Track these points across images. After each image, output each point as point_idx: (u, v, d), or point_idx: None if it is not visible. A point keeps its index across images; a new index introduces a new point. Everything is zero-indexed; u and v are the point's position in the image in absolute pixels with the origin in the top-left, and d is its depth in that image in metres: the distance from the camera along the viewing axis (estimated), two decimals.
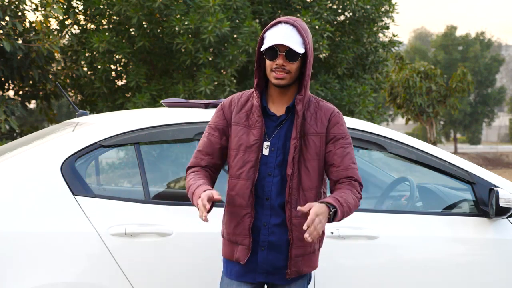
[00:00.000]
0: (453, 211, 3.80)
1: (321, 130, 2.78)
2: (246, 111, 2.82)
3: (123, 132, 3.38)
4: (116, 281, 3.14)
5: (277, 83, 2.72)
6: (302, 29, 2.71)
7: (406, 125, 19.51)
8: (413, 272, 3.47)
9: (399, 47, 10.80)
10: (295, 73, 2.73)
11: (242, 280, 2.83)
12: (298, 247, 2.77)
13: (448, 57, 37.58)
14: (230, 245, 2.84)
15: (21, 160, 3.26)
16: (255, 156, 2.76)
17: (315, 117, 2.79)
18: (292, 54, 2.69)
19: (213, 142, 2.85)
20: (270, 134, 2.79)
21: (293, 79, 2.75)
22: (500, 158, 30.71)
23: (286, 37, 2.68)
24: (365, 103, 9.34)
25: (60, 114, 20.82)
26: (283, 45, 2.68)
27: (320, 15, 8.79)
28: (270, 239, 2.77)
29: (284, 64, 2.69)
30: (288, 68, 2.70)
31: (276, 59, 2.70)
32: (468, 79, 18.36)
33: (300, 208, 2.56)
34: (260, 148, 2.76)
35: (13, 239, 3.05)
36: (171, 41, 8.18)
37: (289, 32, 2.69)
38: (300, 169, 2.76)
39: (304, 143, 2.77)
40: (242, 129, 2.80)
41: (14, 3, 7.40)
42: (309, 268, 2.83)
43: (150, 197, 3.39)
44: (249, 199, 2.76)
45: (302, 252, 2.78)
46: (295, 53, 2.69)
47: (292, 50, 2.68)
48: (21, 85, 8.41)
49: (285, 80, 2.72)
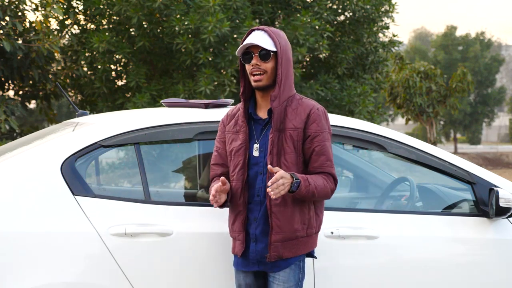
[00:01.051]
0: (453, 211, 3.80)
1: (299, 125, 2.99)
2: (235, 119, 3.11)
3: (123, 132, 3.38)
4: (116, 281, 3.14)
5: (256, 85, 2.99)
6: (273, 32, 2.99)
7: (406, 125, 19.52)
8: (413, 272, 3.47)
9: (399, 47, 10.80)
10: (271, 73, 2.98)
11: (241, 270, 3.10)
12: (277, 233, 2.97)
13: (448, 57, 37.58)
14: (232, 241, 3.12)
15: (21, 160, 3.26)
16: (242, 159, 3.03)
17: (295, 112, 3.00)
18: (264, 54, 2.95)
19: (221, 154, 3.15)
20: (259, 136, 3.05)
21: (270, 80, 2.99)
22: (500, 158, 30.72)
23: (257, 39, 2.96)
24: (365, 103, 9.34)
25: (60, 114, 20.82)
26: (255, 47, 2.97)
27: (320, 15, 8.79)
28: (259, 231, 3.02)
29: (258, 63, 2.96)
30: (263, 68, 2.97)
31: (252, 61, 2.97)
32: (468, 79, 18.36)
33: (270, 167, 2.83)
34: (246, 151, 3.03)
35: (13, 239, 3.05)
36: (171, 41, 8.18)
37: (260, 36, 2.98)
38: (279, 161, 2.97)
39: (284, 137, 2.99)
40: (232, 136, 3.10)
41: (14, 3, 7.40)
42: (291, 253, 3.00)
43: (150, 197, 3.39)
44: (240, 198, 3.03)
45: (282, 238, 2.97)
46: (266, 52, 2.95)
47: (263, 49, 2.95)
48: (21, 85, 8.40)
49: (262, 81, 2.98)
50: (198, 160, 4.11)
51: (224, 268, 3.28)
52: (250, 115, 3.07)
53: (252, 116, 3.07)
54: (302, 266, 3.07)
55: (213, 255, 3.27)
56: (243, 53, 3.00)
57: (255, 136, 3.05)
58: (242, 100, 3.07)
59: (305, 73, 9.66)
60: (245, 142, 3.03)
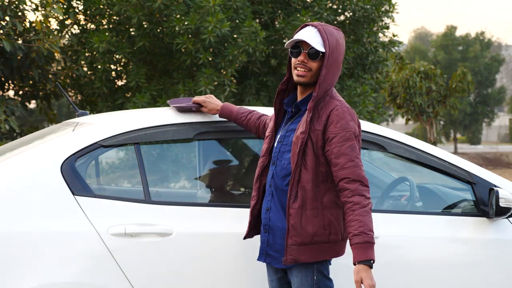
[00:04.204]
0: (453, 211, 3.80)
1: (319, 127, 2.92)
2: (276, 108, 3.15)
3: (123, 132, 3.38)
4: (116, 281, 3.14)
5: (297, 79, 2.97)
6: (325, 32, 2.93)
7: (406, 125, 19.52)
8: (413, 272, 3.47)
9: (399, 47, 10.79)
10: (316, 72, 2.94)
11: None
12: (294, 235, 2.89)
13: (448, 57, 37.58)
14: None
15: (21, 160, 3.26)
16: (266, 147, 3.08)
17: (319, 114, 2.94)
18: (313, 53, 2.91)
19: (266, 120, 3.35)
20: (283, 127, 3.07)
21: (313, 78, 2.95)
22: (500, 158, 30.71)
23: (308, 37, 2.92)
24: (365, 103, 9.33)
25: (60, 114, 20.82)
26: (306, 44, 2.92)
27: (320, 15, 8.79)
28: (270, 223, 3.00)
29: (305, 61, 2.92)
30: (309, 66, 2.93)
31: (299, 56, 2.94)
32: (468, 79, 18.37)
33: None
34: (271, 140, 3.07)
35: (13, 239, 3.05)
36: (171, 41, 8.18)
37: (312, 33, 2.93)
38: (299, 163, 2.92)
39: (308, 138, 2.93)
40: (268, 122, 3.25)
41: (14, 3, 7.39)
42: (308, 258, 2.90)
43: (150, 197, 3.39)
44: (256, 183, 3.07)
45: (299, 242, 2.88)
46: (315, 51, 2.90)
47: (313, 48, 2.91)
48: (21, 85, 8.40)
49: (305, 78, 2.95)
50: (198, 160, 4.10)
51: (224, 268, 3.28)
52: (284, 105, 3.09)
53: (284, 107, 3.09)
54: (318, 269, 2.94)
55: (213, 255, 3.27)
56: (293, 46, 2.97)
57: (281, 127, 3.09)
58: (278, 89, 3.08)
59: None
60: (272, 131, 3.08)
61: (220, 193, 4.03)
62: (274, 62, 8.96)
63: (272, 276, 3.09)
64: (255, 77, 8.97)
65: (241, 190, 4.12)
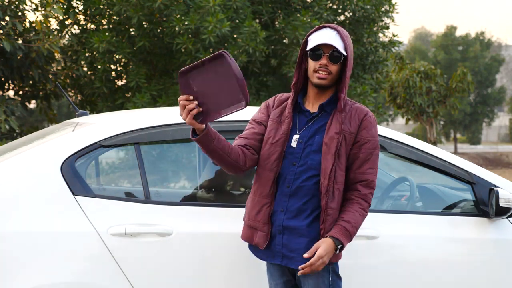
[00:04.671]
0: (453, 211, 3.80)
1: (353, 129, 2.95)
2: (281, 108, 3.05)
3: (123, 132, 3.38)
4: (116, 281, 3.14)
5: (319, 82, 2.92)
6: (344, 35, 2.94)
7: (406, 125, 19.52)
8: (413, 272, 3.47)
9: (399, 47, 10.80)
10: (336, 75, 2.94)
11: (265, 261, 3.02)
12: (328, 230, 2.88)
13: (448, 57, 37.57)
14: (250, 230, 3.02)
15: (21, 160, 3.26)
16: (280, 150, 2.96)
17: (350, 117, 2.96)
18: (335, 56, 2.90)
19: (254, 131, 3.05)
20: (301, 128, 2.99)
21: (333, 81, 2.95)
22: (500, 158, 30.71)
23: (331, 39, 2.89)
24: (365, 103, 9.34)
25: (60, 114, 20.83)
26: (327, 46, 2.90)
27: (320, 15, 8.79)
28: (287, 224, 2.92)
29: (327, 64, 2.90)
30: (330, 69, 2.91)
31: (320, 60, 2.90)
32: (468, 79, 18.37)
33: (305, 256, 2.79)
34: (285, 143, 2.96)
35: (13, 239, 3.05)
36: (171, 41, 8.18)
37: (333, 36, 2.91)
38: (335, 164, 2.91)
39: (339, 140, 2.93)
40: (274, 124, 3.02)
41: (14, 3, 7.40)
42: (334, 258, 2.91)
43: (150, 197, 3.39)
44: (270, 189, 2.96)
45: None
46: (338, 54, 2.90)
47: (335, 52, 2.89)
48: (21, 85, 8.41)
49: (326, 81, 2.92)
50: (198, 160, 4.10)
51: (224, 268, 3.28)
52: (298, 106, 3.02)
53: (301, 107, 3.01)
54: (333, 269, 2.96)
55: (213, 255, 3.27)
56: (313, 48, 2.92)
57: (297, 127, 2.99)
58: (292, 91, 3.02)
59: None
60: (286, 134, 2.97)
61: (220, 193, 4.03)
62: (274, 62, 8.96)
63: (277, 279, 3.03)
64: (255, 77, 8.97)
65: (241, 190, 4.12)
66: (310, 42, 2.94)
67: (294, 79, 3.02)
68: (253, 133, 3.03)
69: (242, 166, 2.95)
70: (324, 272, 2.92)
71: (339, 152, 2.92)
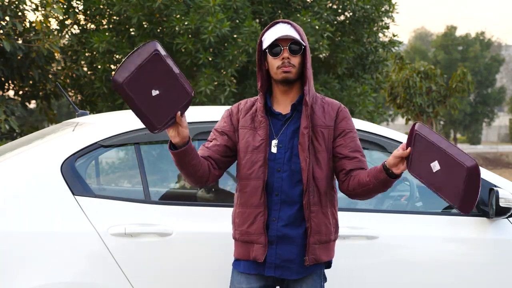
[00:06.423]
0: (453, 211, 3.80)
1: (329, 123, 2.90)
2: (251, 114, 2.94)
3: (123, 132, 3.38)
4: (116, 281, 3.14)
5: (285, 76, 2.84)
6: (297, 27, 2.90)
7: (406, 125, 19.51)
8: (413, 272, 3.47)
9: (399, 47, 10.80)
10: (299, 68, 2.86)
11: (252, 273, 2.89)
12: (315, 233, 2.84)
13: (448, 57, 37.58)
14: (245, 246, 2.90)
15: (21, 160, 3.26)
16: (263, 156, 2.86)
17: (323, 110, 2.92)
18: (295, 47, 2.84)
19: (218, 144, 2.93)
20: (278, 132, 2.90)
21: (298, 74, 2.87)
22: (500, 158, 30.70)
23: (287, 32, 2.84)
24: (365, 103, 9.34)
25: (60, 114, 20.81)
26: (285, 40, 2.83)
27: (320, 15, 8.79)
28: (280, 233, 2.84)
29: (289, 57, 2.83)
30: (293, 62, 2.84)
31: (281, 54, 2.83)
32: (468, 79, 18.35)
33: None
34: (266, 148, 2.87)
35: (13, 239, 3.05)
36: (171, 41, 8.18)
37: (288, 29, 2.87)
38: (311, 159, 2.85)
39: (314, 134, 2.88)
40: (248, 132, 2.91)
41: (14, 3, 7.40)
42: (327, 256, 2.89)
43: (150, 197, 3.39)
44: (261, 197, 2.85)
45: (319, 240, 2.85)
46: (297, 45, 2.85)
47: (294, 43, 2.84)
48: (21, 85, 8.40)
49: (292, 74, 2.84)
50: None
51: (224, 268, 3.27)
52: (268, 109, 2.91)
53: (272, 111, 2.91)
54: (323, 274, 2.94)
55: (213, 255, 3.27)
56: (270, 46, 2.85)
57: (273, 132, 2.89)
58: (260, 95, 2.92)
59: None
60: (266, 138, 2.87)
61: (220, 193, 4.03)
62: None
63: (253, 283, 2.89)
64: (255, 77, 8.97)
65: None
66: (265, 41, 2.87)
67: (259, 83, 2.93)
68: (216, 146, 2.92)
69: (204, 182, 2.88)
70: (317, 277, 2.90)
71: (315, 147, 2.86)
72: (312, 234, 2.83)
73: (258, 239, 2.85)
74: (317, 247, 2.85)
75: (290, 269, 2.85)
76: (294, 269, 2.85)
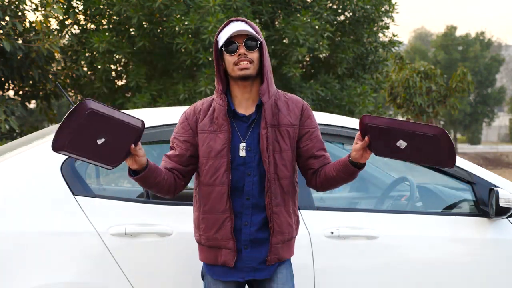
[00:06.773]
0: (453, 211, 3.80)
1: (294, 121, 2.86)
2: (209, 116, 2.85)
3: None
4: (116, 281, 3.14)
5: (243, 73, 2.76)
6: (252, 24, 2.84)
7: None
8: (413, 272, 3.47)
9: (399, 47, 10.80)
10: (257, 63, 2.80)
11: (230, 280, 2.86)
12: (278, 233, 2.83)
13: (448, 57, 37.59)
14: (211, 251, 2.87)
15: (21, 160, 3.26)
16: (226, 161, 2.79)
17: (288, 108, 2.87)
18: (251, 43, 2.78)
19: (180, 153, 2.86)
20: (244, 135, 2.83)
21: (256, 70, 2.80)
22: (500, 158, 30.71)
23: (242, 28, 2.78)
24: (365, 103, 9.34)
25: (60, 114, 20.80)
26: (240, 36, 2.78)
27: (320, 15, 8.79)
28: (254, 237, 2.82)
29: (245, 53, 2.77)
30: (250, 57, 2.77)
31: (237, 51, 2.77)
32: (468, 79, 18.35)
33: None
34: (229, 152, 2.79)
35: (13, 239, 3.05)
36: (171, 41, 8.18)
37: (243, 25, 2.81)
38: (275, 158, 2.82)
39: (280, 133, 2.83)
40: (209, 136, 2.83)
41: (14, 3, 7.40)
42: (288, 254, 2.90)
43: (150, 197, 3.39)
44: (227, 203, 2.80)
45: (281, 240, 2.84)
46: (253, 41, 2.79)
47: (250, 39, 2.78)
48: (21, 85, 8.40)
49: (250, 70, 2.77)
50: None
51: None
52: (232, 112, 2.82)
53: (236, 113, 2.83)
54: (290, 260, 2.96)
55: None
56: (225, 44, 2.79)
57: (239, 135, 2.81)
58: (222, 96, 2.82)
59: (305, 73, 9.66)
60: (228, 142, 2.78)
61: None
62: (274, 62, 8.96)
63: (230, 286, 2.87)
64: None
65: None
66: (221, 40, 2.81)
67: (217, 84, 2.86)
68: (177, 156, 2.85)
69: (172, 193, 2.86)
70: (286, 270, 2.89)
71: (281, 146, 2.82)
72: (275, 235, 2.82)
73: (226, 244, 2.82)
74: (280, 247, 2.84)
75: (262, 269, 2.85)
76: (265, 269, 2.85)
